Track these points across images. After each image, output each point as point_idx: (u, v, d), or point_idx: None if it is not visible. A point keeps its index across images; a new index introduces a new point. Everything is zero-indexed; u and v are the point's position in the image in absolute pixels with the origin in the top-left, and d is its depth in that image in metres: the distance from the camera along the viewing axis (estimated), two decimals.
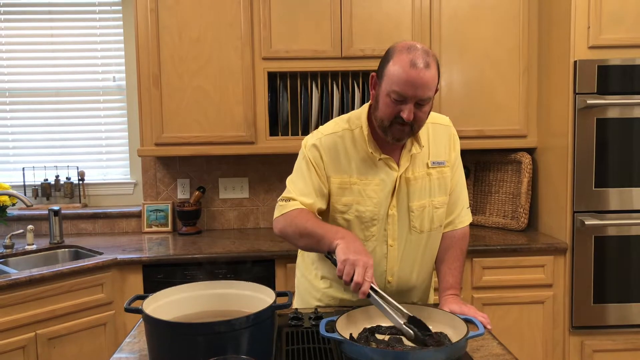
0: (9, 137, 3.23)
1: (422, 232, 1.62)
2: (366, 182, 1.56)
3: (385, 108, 1.46)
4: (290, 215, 1.53)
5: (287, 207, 1.55)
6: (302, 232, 1.48)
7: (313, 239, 1.45)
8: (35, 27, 3.18)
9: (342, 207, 1.58)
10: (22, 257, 2.71)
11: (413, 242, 1.62)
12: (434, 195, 1.61)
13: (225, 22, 2.78)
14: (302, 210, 1.53)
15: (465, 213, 1.71)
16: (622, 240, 2.58)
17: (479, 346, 1.38)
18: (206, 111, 2.81)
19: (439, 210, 1.63)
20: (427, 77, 1.39)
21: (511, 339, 2.61)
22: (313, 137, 1.63)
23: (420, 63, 1.39)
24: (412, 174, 1.58)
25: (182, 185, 3.18)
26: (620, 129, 2.55)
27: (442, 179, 1.62)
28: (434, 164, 1.61)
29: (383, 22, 2.81)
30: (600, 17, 2.53)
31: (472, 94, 2.87)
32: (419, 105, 1.44)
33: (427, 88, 1.41)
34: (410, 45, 1.43)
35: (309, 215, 1.51)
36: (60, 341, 2.32)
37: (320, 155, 1.58)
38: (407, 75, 1.39)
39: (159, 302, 1.31)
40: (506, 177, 3.04)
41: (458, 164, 1.68)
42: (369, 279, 1.28)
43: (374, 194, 1.56)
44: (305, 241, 1.49)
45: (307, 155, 1.60)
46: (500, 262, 2.61)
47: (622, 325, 2.61)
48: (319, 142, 1.59)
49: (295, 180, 1.61)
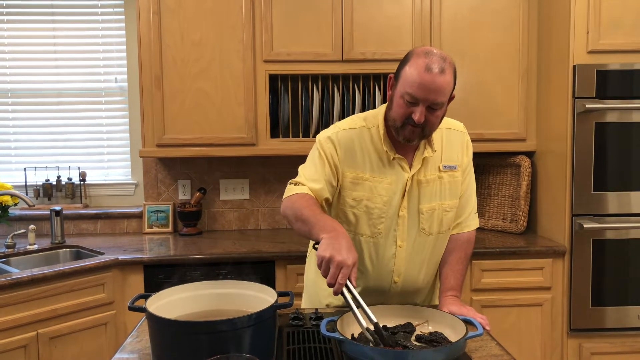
0: (11, 138, 3.24)
1: (430, 234, 1.64)
2: (378, 179, 1.59)
3: (398, 109, 1.49)
4: (293, 198, 1.55)
5: (294, 190, 1.58)
6: (298, 216, 1.49)
7: (306, 226, 1.45)
8: (38, 28, 3.20)
9: (352, 202, 1.61)
10: (24, 257, 2.72)
11: (421, 243, 1.64)
12: (444, 199, 1.63)
13: (227, 25, 2.80)
14: (305, 195, 1.55)
15: (472, 217, 1.72)
16: (621, 244, 2.59)
17: (477, 347, 1.39)
18: (207, 113, 2.83)
19: (448, 214, 1.65)
20: (440, 82, 1.41)
21: (510, 341, 2.63)
22: (329, 130, 1.65)
23: (435, 68, 1.41)
24: (424, 176, 1.60)
25: (183, 186, 3.20)
26: (619, 133, 2.56)
27: (453, 183, 1.64)
28: (445, 167, 1.63)
29: (384, 25, 2.83)
30: (600, 22, 2.55)
31: (471, 98, 2.89)
32: (431, 110, 1.46)
33: (440, 93, 1.43)
34: (428, 50, 1.46)
35: (310, 202, 1.52)
36: (61, 340, 2.34)
37: (335, 148, 1.60)
38: (421, 78, 1.41)
39: (162, 300, 1.33)
40: (505, 180, 3.06)
41: (470, 169, 1.70)
42: (341, 280, 1.25)
43: (384, 192, 1.59)
44: (299, 226, 1.49)
45: (322, 147, 1.62)
46: (499, 265, 2.62)
47: (620, 328, 2.62)
48: (335, 136, 1.61)
49: (306, 167, 1.64)
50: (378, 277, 1.65)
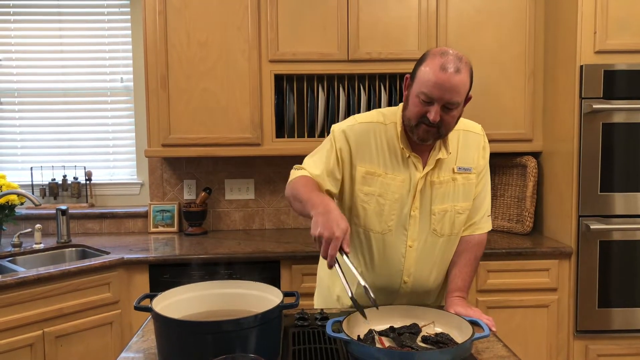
0: (17, 137, 3.26)
1: (442, 235, 1.63)
2: (392, 176, 1.58)
3: (413, 108, 1.48)
4: (295, 180, 1.57)
5: (296, 174, 1.61)
6: (295, 195, 1.52)
7: (301, 204, 1.48)
8: (44, 28, 3.21)
9: (363, 196, 1.60)
10: (30, 256, 2.73)
11: (432, 244, 1.63)
12: (457, 200, 1.62)
13: (233, 25, 2.80)
14: (305, 177, 1.57)
15: (485, 220, 1.71)
16: (628, 245, 2.58)
17: (484, 348, 1.38)
18: (213, 113, 2.83)
19: (461, 216, 1.64)
20: (455, 81, 1.41)
21: (515, 342, 2.62)
22: (346, 122, 1.65)
23: (450, 67, 1.41)
24: (437, 177, 1.59)
25: (189, 186, 3.20)
26: (626, 133, 2.55)
27: (467, 185, 1.63)
28: (460, 169, 1.62)
29: (390, 25, 2.82)
30: (607, 22, 2.54)
31: (477, 98, 2.85)
32: (447, 109, 1.45)
33: (455, 92, 1.42)
34: (444, 50, 1.46)
35: (307, 181, 1.54)
36: (67, 339, 2.34)
37: (348, 142, 1.60)
38: (436, 77, 1.41)
39: (168, 300, 1.33)
40: (511, 181, 3.05)
41: (485, 171, 1.69)
42: (332, 252, 1.27)
43: (396, 190, 1.58)
44: (297, 205, 1.52)
45: (334, 139, 1.63)
46: (505, 266, 2.61)
47: (626, 329, 2.61)
48: (350, 130, 1.61)
49: (312, 154, 1.67)
50: (387, 275, 1.64)
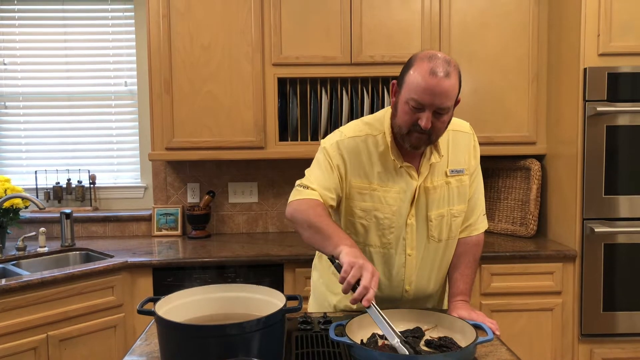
0: (22, 141, 3.27)
1: (440, 241, 1.62)
2: (387, 189, 1.55)
3: (403, 115, 1.45)
4: (304, 203, 1.50)
5: (304, 194, 1.53)
6: (311, 224, 1.44)
7: (320, 235, 1.41)
8: (49, 32, 3.23)
9: (360, 213, 1.57)
10: (34, 259, 2.74)
11: (431, 250, 1.62)
12: (452, 204, 1.60)
13: (236, 29, 2.81)
14: (319, 203, 1.50)
15: (481, 220, 1.70)
16: (632, 248, 2.57)
17: (487, 352, 1.38)
18: (216, 116, 2.84)
19: (457, 219, 1.63)
20: (445, 85, 1.38)
21: (520, 346, 2.60)
22: (335, 136, 1.60)
23: (440, 72, 1.38)
24: (431, 183, 1.57)
25: (192, 189, 3.20)
26: (631, 136, 2.54)
27: (461, 187, 1.61)
28: (452, 172, 1.59)
29: (393, 28, 2.82)
30: (611, 25, 2.53)
31: (481, 101, 2.88)
32: (437, 115, 1.42)
33: (446, 97, 1.40)
34: (431, 54, 1.42)
35: (324, 211, 1.48)
36: (71, 343, 2.35)
37: (342, 156, 1.56)
38: (425, 83, 1.38)
39: (171, 304, 1.33)
40: (515, 184, 3.04)
41: (477, 171, 1.67)
42: (374, 287, 1.23)
43: (393, 202, 1.55)
44: (310, 234, 1.45)
45: (329, 155, 1.57)
46: (509, 269, 2.61)
47: (631, 333, 2.59)
48: (341, 144, 1.57)
49: (315, 172, 1.58)
50: (390, 287, 1.63)
